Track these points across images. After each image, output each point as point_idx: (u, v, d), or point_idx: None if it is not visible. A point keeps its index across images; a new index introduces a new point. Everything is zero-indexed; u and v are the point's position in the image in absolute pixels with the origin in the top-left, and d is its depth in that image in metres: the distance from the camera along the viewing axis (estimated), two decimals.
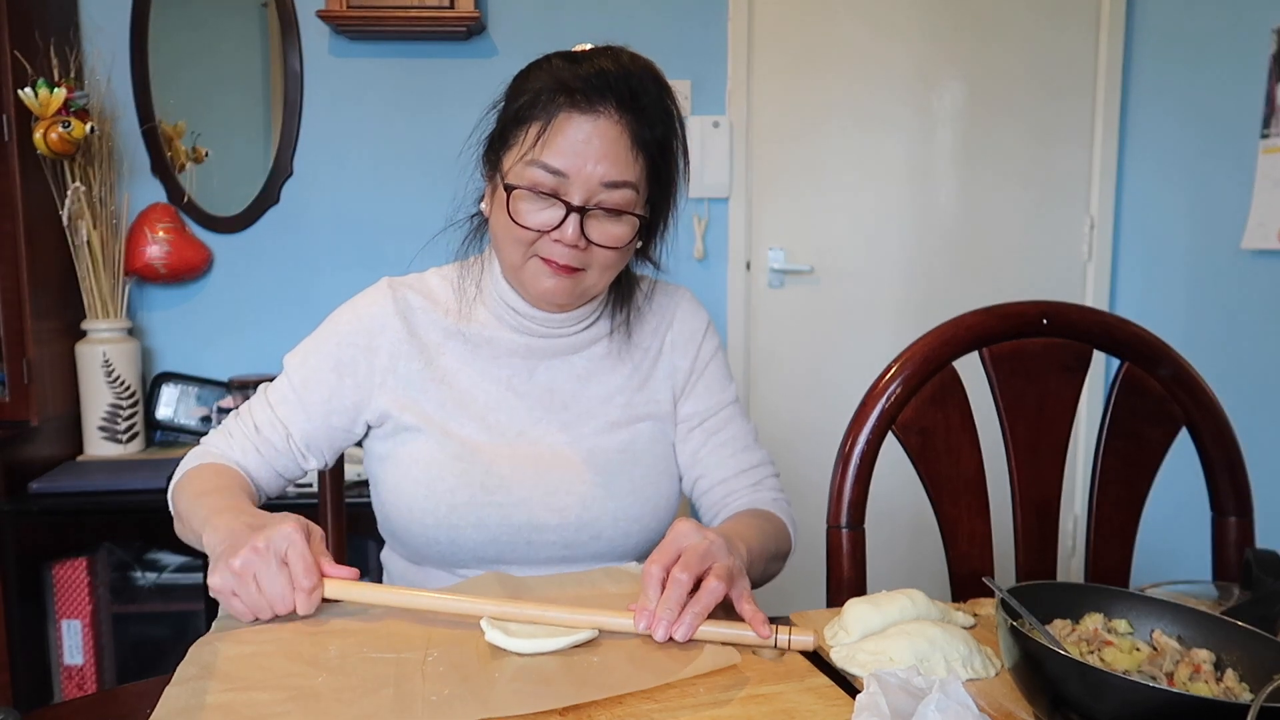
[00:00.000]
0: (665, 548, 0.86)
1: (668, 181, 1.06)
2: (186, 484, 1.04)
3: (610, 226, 1.01)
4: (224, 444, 1.09)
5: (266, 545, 0.83)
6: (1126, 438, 1.15)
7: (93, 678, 2.09)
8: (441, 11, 2.26)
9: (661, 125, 1.02)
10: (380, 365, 1.09)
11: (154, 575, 2.20)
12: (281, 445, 1.09)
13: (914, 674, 0.69)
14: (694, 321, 1.18)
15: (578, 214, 0.98)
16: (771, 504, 1.13)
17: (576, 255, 1.01)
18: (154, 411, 2.38)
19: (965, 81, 2.66)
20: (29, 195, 2.04)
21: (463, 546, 1.05)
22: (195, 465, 1.07)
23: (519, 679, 0.75)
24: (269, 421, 1.09)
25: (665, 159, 1.04)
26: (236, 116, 2.46)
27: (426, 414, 1.07)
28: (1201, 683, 0.71)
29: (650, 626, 0.81)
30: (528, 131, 1.00)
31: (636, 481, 1.10)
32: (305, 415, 1.09)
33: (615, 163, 0.98)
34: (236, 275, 2.45)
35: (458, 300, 1.12)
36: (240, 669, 0.75)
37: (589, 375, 1.12)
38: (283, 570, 0.84)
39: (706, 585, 0.82)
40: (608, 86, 0.98)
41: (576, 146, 0.98)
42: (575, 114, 0.98)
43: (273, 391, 1.11)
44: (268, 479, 1.10)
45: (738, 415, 1.18)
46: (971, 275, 2.71)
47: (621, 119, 0.99)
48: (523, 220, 1.00)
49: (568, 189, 0.98)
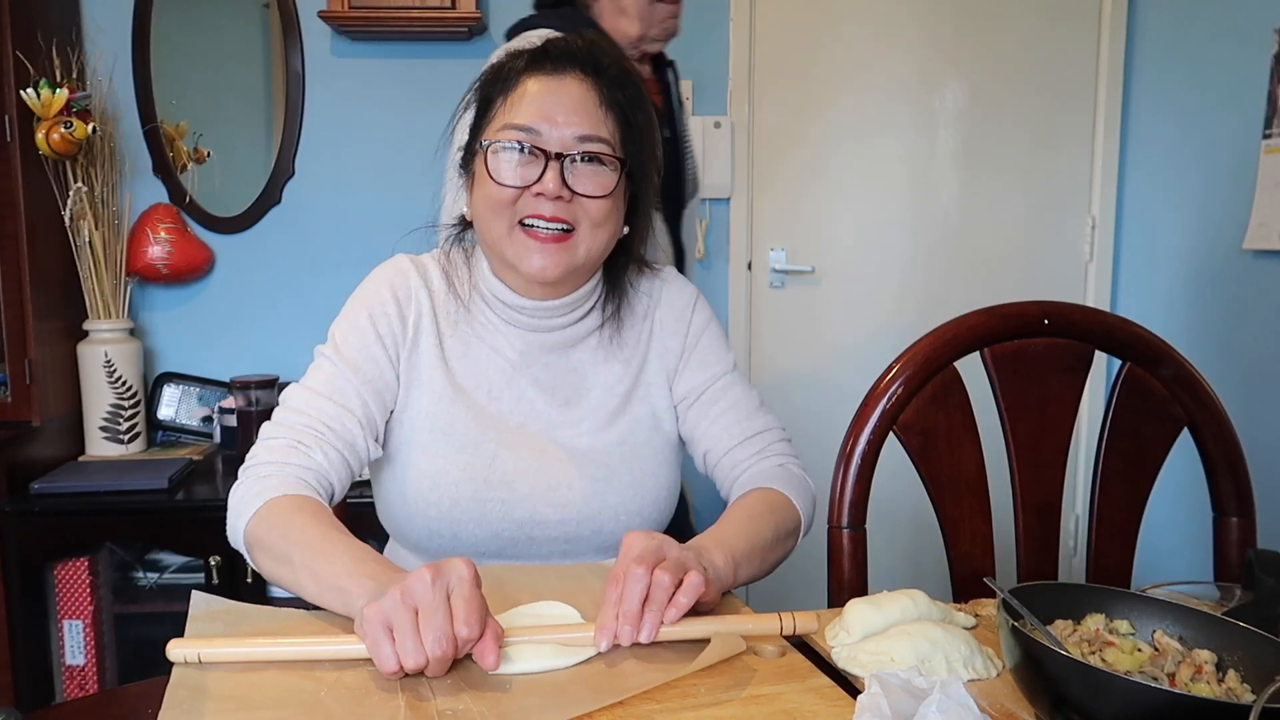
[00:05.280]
0: (619, 563, 0.84)
1: (640, 148, 1.04)
2: (274, 521, 0.90)
3: (593, 174, 1.00)
4: (299, 458, 0.97)
5: (436, 576, 0.74)
6: (1128, 438, 1.15)
7: (94, 678, 2.09)
8: (443, 12, 2.26)
9: (629, 88, 1.03)
10: (409, 338, 1.06)
11: (155, 575, 2.20)
12: (359, 440, 1.01)
13: (915, 674, 0.69)
14: (681, 297, 1.17)
15: (557, 162, 0.98)
16: (777, 472, 1.10)
17: (563, 208, 0.99)
18: (155, 412, 2.38)
19: (966, 82, 2.66)
20: (31, 195, 2.04)
21: (464, 541, 1.05)
22: (276, 497, 0.92)
23: (532, 691, 0.74)
24: (336, 416, 1.00)
25: (635, 121, 1.04)
26: (238, 117, 2.46)
27: (432, 403, 1.06)
28: (1203, 683, 0.71)
29: (615, 636, 0.79)
30: (495, 104, 1.01)
31: (637, 474, 1.09)
32: (366, 398, 1.02)
33: (586, 117, 0.99)
34: (238, 275, 2.45)
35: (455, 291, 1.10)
36: (236, 688, 0.73)
37: (585, 369, 1.12)
38: (446, 606, 0.73)
39: (657, 580, 0.80)
40: (570, 55, 1.01)
41: (544, 104, 0.99)
42: (540, 76, 1.00)
43: (322, 383, 1.02)
44: (343, 485, 1.01)
45: (736, 382, 1.15)
46: (972, 275, 2.71)
47: (586, 79, 1.01)
48: (501, 177, 0.99)
49: (542, 142, 0.99)
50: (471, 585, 0.75)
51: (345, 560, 0.83)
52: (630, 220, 1.08)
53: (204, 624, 0.82)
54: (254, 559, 0.93)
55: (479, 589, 0.75)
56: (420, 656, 0.72)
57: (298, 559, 0.86)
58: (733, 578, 0.93)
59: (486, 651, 0.74)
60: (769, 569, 1.02)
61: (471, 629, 0.73)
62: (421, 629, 0.72)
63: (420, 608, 0.73)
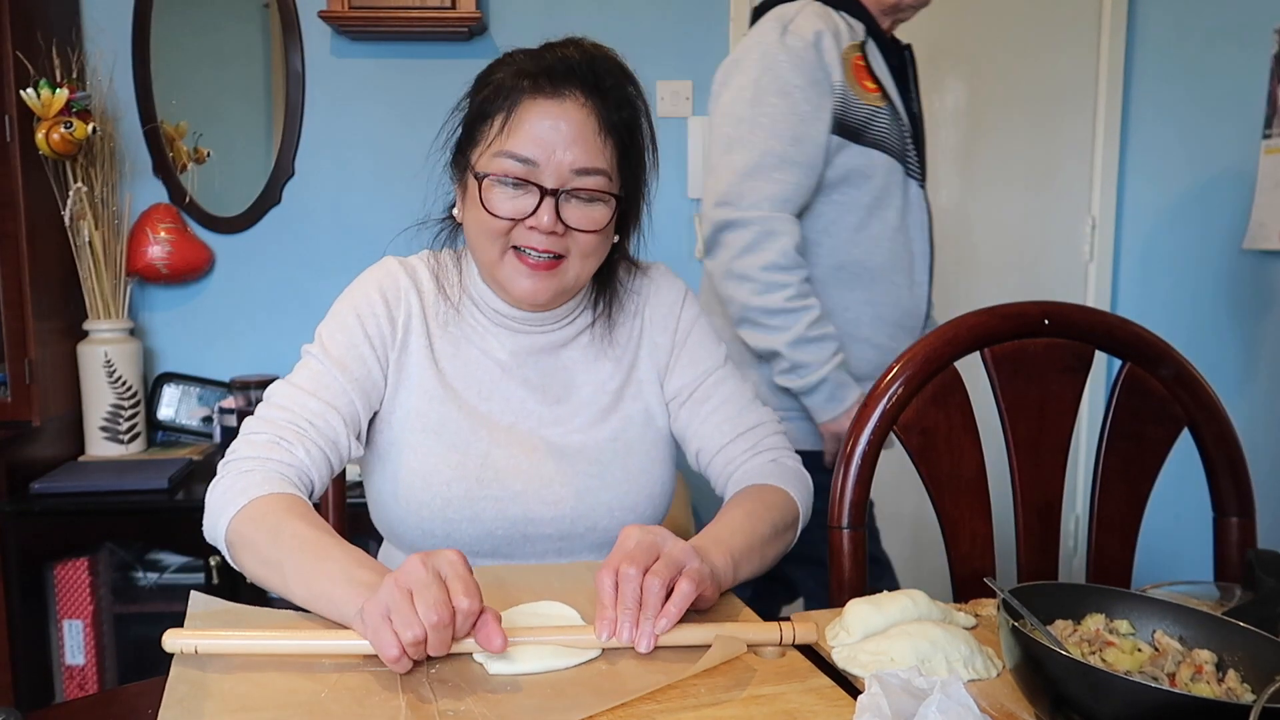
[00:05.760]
0: (612, 555, 0.84)
1: (637, 167, 1.05)
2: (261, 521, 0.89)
3: (586, 209, 1.00)
4: (281, 454, 0.96)
5: (426, 560, 0.75)
6: (1128, 438, 1.14)
7: (94, 678, 2.10)
8: (443, 12, 2.26)
9: (628, 108, 1.02)
10: (398, 340, 1.06)
11: (155, 575, 2.20)
12: (342, 438, 1.00)
13: (915, 674, 0.69)
14: (670, 293, 1.16)
15: (552, 198, 0.98)
16: (770, 468, 1.10)
17: (555, 241, 0.99)
18: (155, 412, 2.38)
19: (967, 81, 2.66)
20: (31, 196, 2.04)
21: (458, 540, 1.05)
22: (262, 495, 0.91)
23: (533, 692, 0.74)
24: (319, 412, 0.99)
25: (634, 143, 1.04)
26: (238, 117, 2.46)
27: (423, 403, 1.06)
28: (1203, 683, 0.71)
29: (613, 634, 0.80)
30: (493, 123, 1.00)
31: (630, 471, 1.09)
32: (352, 395, 1.02)
33: (585, 148, 0.98)
34: (238, 276, 2.45)
35: (445, 293, 1.10)
36: (236, 688, 0.72)
37: (576, 367, 1.12)
38: (440, 582, 0.74)
39: (648, 585, 0.80)
40: (571, 72, 0.99)
41: (544, 133, 0.97)
42: (540, 99, 0.98)
43: (307, 380, 1.02)
44: (323, 482, 1.00)
45: (728, 377, 1.15)
46: (973, 275, 2.71)
47: (587, 103, 0.99)
48: (495, 209, 0.99)
49: (539, 176, 0.98)
50: (463, 565, 0.76)
51: (338, 566, 0.82)
52: (621, 228, 1.09)
53: (202, 623, 0.82)
54: (236, 558, 0.91)
55: (471, 571, 0.76)
56: (418, 627, 0.71)
57: (289, 564, 0.85)
58: (733, 576, 0.93)
59: (492, 633, 0.74)
60: (769, 564, 1.02)
61: (471, 600, 0.74)
62: (417, 603, 0.72)
63: (414, 588, 0.73)
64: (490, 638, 0.75)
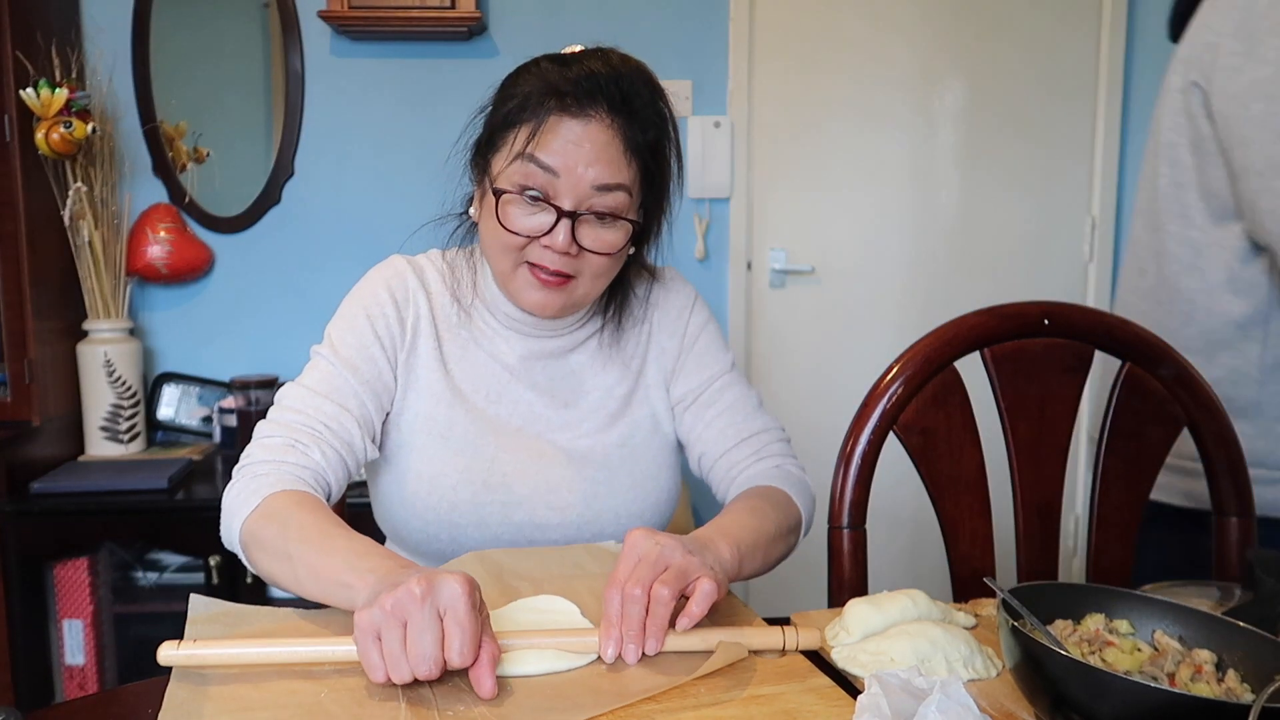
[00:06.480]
0: (619, 567, 0.82)
1: (661, 186, 1.04)
2: (272, 518, 0.88)
3: (602, 231, 0.99)
4: (296, 456, 0.95)
5: (427, 592, 0.70)
6: (1128, 438, 1.14)
7: (94, 678, 2.10)
8: (443, 12, 2.26)
9: (654, 129, 1.01)
10: (407, 340, 1.06)
11: (155, 575, 2.20)
12: (356, 440, 1.00)
13: (915, 674, 0.69)
14: (679, 298, 1.16)
15: (568, 219, 0.97)
16: (774, 473, 1.10)
17: (567, 261, 0.99)
18: (155, 412, 2.38)
19: (967, 81, 2.66)
20: (30, 195, 2.04)
21: (463, 545, 1.05)
22: (274, 493, 0.90)
23: (534, 694, 0.74)
24: (333, 415, 0.99)
25: (658, 163, 1.02)
26: (238, 117, 2.46)
27: (431, 406, 1.06)
28: (1203, 683, 0.71)
29: (618, 652, 0.79)
30: (517, 134, 0.98)
31: (637, 476, 1.09)
32: (364, 397, 1.01)
33: (608, 166, 0.97)
34: (238, 275, 2.45)
35: (456, 294, 1.10)
36: (236, 689, 0.73)
37: (584, 372, 1.12)
38: (436, 626, 0.70)
39: (656, 596, 0.79)
40: (598, 89, 0.97)
41: (568, 149, 0.96)
42: (566, 117, 0.96)
43: (319, 382, 1.01)
44: (340, 485, 0.99)
45: (734, 383, 1.15)
46: (972, 275, 2.71)
47: (614, 122, 0.97)
48: (511, 225, 0.98)
49: (558, 191, 0.97)
50: (467, 609, 0.71)
51: (347, 554, 0.81)
52: (638, 240, 1.07)
53: (203, 627, 0.81)
54: (250, 558, 0.91)
55: (475, 611, 0.71)
56: (404, 671, 0.70)
57: (297, 555, 0.83)
58: (737, 570, 0.92)
59: (482, 677, 0.72)
60: (771, 564, 1.01)
61: (465, 658, 0.70)
62: (409, 648, 0.70)
63: (409, 623, 0.70)
64: (480, 680, 0.72)
